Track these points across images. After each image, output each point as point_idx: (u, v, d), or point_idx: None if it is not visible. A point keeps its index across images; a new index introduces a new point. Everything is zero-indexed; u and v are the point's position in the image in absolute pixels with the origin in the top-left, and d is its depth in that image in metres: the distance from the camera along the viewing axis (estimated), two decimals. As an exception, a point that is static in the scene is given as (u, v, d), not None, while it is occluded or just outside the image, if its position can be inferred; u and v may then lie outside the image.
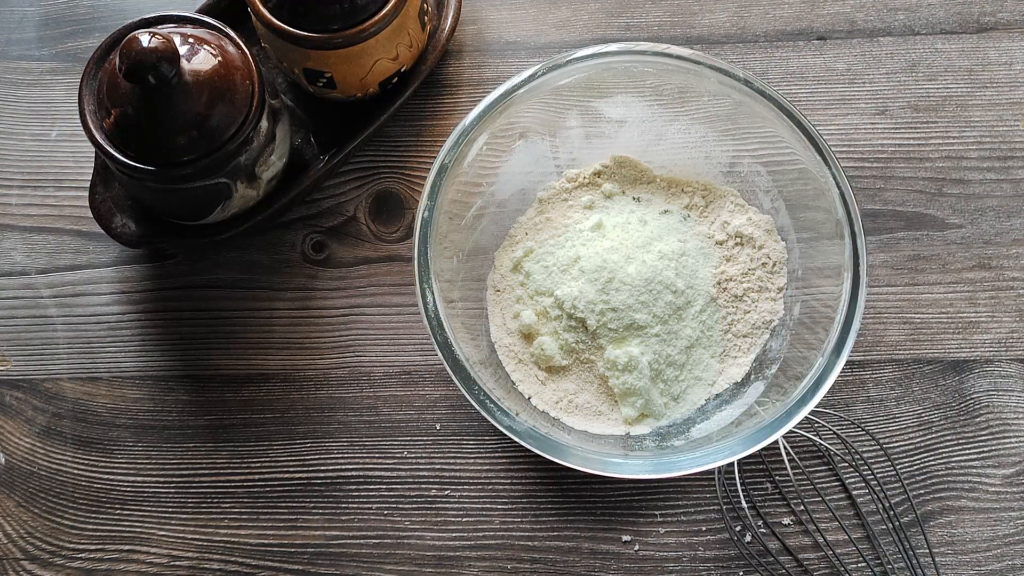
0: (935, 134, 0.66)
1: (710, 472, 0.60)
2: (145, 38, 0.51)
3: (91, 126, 0.55)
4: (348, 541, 0.60)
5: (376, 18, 0.57)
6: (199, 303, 0.64)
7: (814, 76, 0.67)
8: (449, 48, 0.67)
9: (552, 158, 0.62)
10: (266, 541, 0.61)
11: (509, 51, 0.68)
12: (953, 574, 0.58)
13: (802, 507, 0.59)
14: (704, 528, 0.60)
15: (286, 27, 0.57)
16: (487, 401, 0.52)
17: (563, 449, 0.52)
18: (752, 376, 0.59)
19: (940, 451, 0.60)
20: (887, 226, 0.64)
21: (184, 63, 0.53)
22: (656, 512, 0.60)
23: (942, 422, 0.61)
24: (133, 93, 0.53)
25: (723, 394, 0.59)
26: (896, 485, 0.60)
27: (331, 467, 0.61)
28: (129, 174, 0.55)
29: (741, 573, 0.59)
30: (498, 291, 0.61)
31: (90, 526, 0.61)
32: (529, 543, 0.60)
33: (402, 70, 0.63)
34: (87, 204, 0.62)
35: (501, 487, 0.61)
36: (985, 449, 0.60)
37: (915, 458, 0.60)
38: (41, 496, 0.62)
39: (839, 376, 0.59)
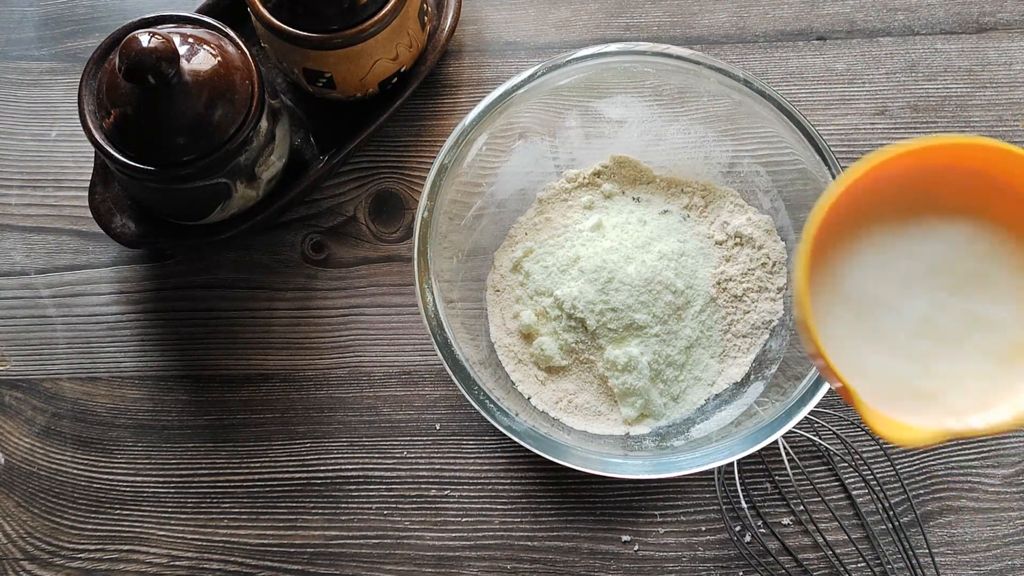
0: (935, 134, 0.66)
1: (710, 472, 0.60)
2: (145, 38, 0.51)
3: (91, 126, 0.55)
4: (348, 541, 0.60)
5: (376, 18, 0.57)
6: (199, 303, 0.64)
7: (814, 76, 0.67)
8: (449, 48, 0.67)
9: (552, 158, 0.62)
10: (266, 541, 0.61)
11: (509, 51, 0.68)
12: (953, 574, 0.59)
13: (802, 507, 0.59)
14: (704, 528, 0.60)
15: (286, 27, 0.57)
16: (487, 401, 0.52)
17: (563, 449, 0.52)
18: (752, 376, 0.59)
19: (940, 451, 0.60)
20: (887, 226, 0.64)
21: (184, 63, 0.53)
22: (656, 512, 0.60)
23: (942, 422, 0.61)
24: (133, 93, 0.53)
25: (723, 394, 0.59)
26: (896, 485, 0.60)
27: (331, 467, 0.61)
28: (129, 174, 0.55)
29: (741, 573, 0.59)
30: (498, 291, 0.61)
31: (90, 526, 0.61)
32: (529, 543, 0.60)
33: (402, 70, 0.63)
34: (87, 204, 0.62)
35: (501, 487, 0.61)
36: (985, 449, 0.60)
37: (915, 458, 0.60)
38: (41, 496, 0.62)
39: (839, 376, 0.59)
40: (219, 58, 0.55)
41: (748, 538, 0.59)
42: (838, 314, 0.37)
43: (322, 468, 0.61)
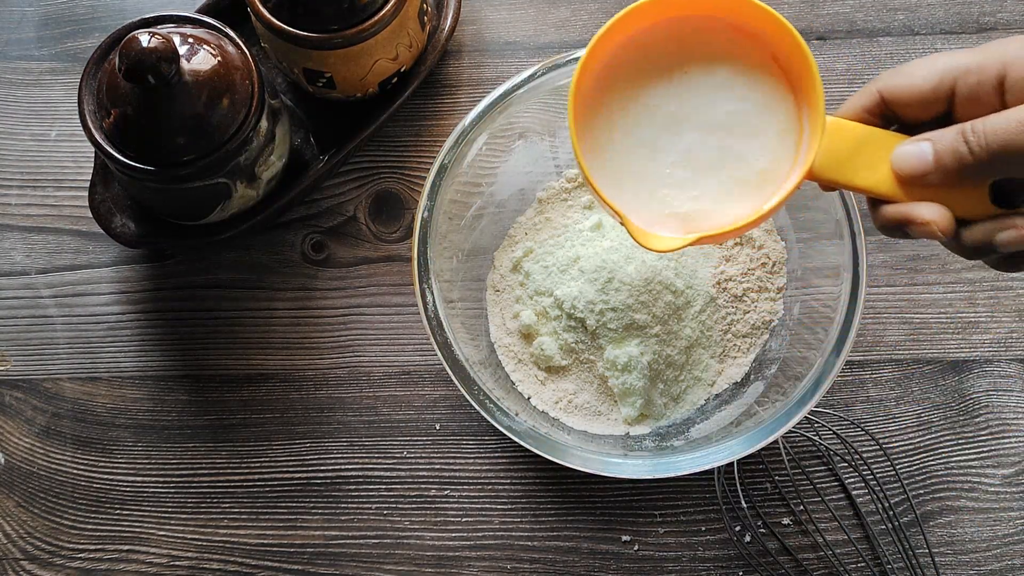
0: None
1: (710, 472, 0.60)
2: (145, 38, 0.51)
3: (91, 126, 0.55)
4: (348, 541, 0.60)
5: (376, 18, 0.57)
6: (199, 303, 0.64)
7: (814, 76, 0.67)
8: (449, 48, 0.67)
9: (551, 158, 0.62)
10: (266, 541, 0.61)
11: (509, 51, 0.68)
12: (953, 574, 0.59)
13: (801, 507, 0.59)
14: (704, 528, 0.60)
15: (286, 27, 0.57)
16: (487, 401, 0.52)
17: (563, 449, 0.52)
18: (752, 376, 0.59)
19: (940, 451, 0.60)
20: (887, 226, 0.64)
21: (184, 63, 0.53)
22: (656, 512, 0.60)
23: (942, 422, 0.61)
24: (133, 93, 0.53)
25: (723, 394, 0.59)
26: (896, 485, 0.60)
27: (331, 467, 0.61)
28: (129, 174, 0.55)
29: (741, 573, 0.59)
30: (498, 291, 0.61)
31: (90, 526, 0.61)
32: (529, 543, 0.60)
33: (402, 70, 0.63)
34: (87, 204, 0.62)
35: (501, 487, 0.61)
36: (985, 449, 0.60)
37: (915, 458, 0.60)
38: (41, 496, 0.62)
39: (839, 376, 0.59)
40: (219, 58, 0.55)
41: (748, 538, 0.59)
42: (613, 149, 0.44)
43: (322, 468, 0.62)
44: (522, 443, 0.52)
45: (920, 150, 0.39)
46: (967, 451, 0.60)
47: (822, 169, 0.41)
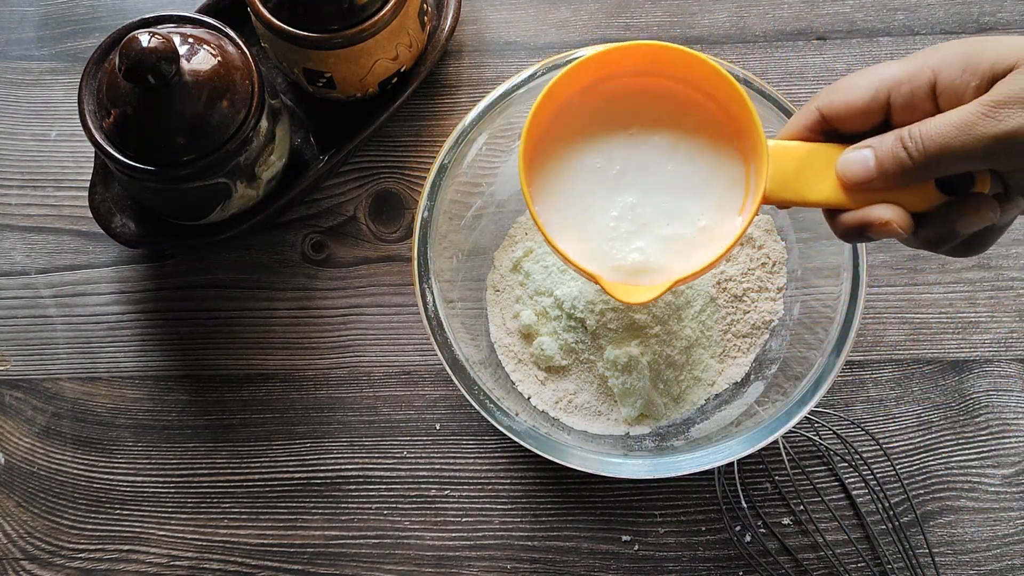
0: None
1: (710, 472, 0.60)
2: (145, 38, 0.51)
3: (91, 126, 0.55)
4: (348, 541, 0.60)
5: (376, 18, 0.57)
6: (199, 303, 0.64)
7: (814, 76, 0.67)
8: (449, 48, 0.67)
9: (552, 158, 0.62)
10: (266, 541, 0.61)
11: (509, 51, 0.68)
12: (953, 574, 0.59)
13: (802, 507, 0.59)
14: (704, 528, 0.60)
15: (286, 27, 0.57)
16: (487, 401, 0.52)
17: (563, 449, 0.52)
18: (752, 376, 0.59)
19: (940, 451, 0.60)
20: (887, 226, 0.64)
21: (184, 63, 0.53)
22: (656, 512, 0.60)
23: (942, 422, 0.61)
24: (133, 93, 0.53)
25: (723, 394, 0.59)
26: (896, 485, 0.60)
27: (331, 467, 0.61)
28: (129, 174, 0.55)
29: (741, 573, 0.59)
30: (498, 291, 0.61)
31: (90, 526, 0.61)
32: (529, 543, 0.60)
33: (402, 70, 0.63)
34: (87, 204, 0.62)
35: (501, 487, 0.61)
36: (985, 449, 0.60)
37: (915, 458, 0.60)
38: (41, 496, 0.62)
39: (839, 376, 0.59)
40: (219, 58, 0.55)
41: (748, 538, 0.59)
42: (561, 202, 0.46)
43: (322, 468, 0.62)
44: (522, 443, 0.52)
45: (862, 156, 0.40)
46: (967, 451, 0.60)
47: (774, 192, 0.42)
